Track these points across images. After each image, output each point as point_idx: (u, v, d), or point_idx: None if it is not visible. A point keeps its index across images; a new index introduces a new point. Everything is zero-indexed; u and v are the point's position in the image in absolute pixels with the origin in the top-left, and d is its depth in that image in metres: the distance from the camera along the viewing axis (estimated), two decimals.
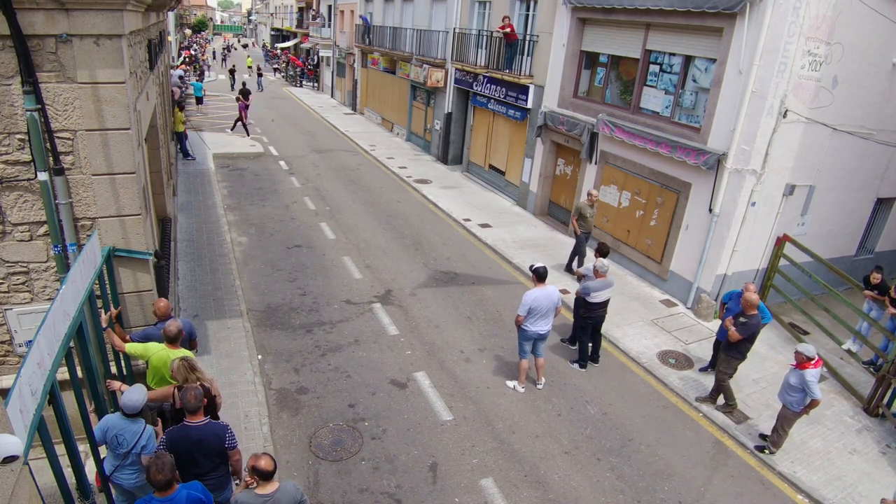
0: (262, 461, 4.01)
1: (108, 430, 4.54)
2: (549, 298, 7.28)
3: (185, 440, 4.39)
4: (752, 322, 7.06)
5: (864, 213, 11.34)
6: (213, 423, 4.55)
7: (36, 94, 4.72)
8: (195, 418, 4.44)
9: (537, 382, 7.92)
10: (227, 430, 4.56)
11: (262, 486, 4.04)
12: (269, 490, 4.05)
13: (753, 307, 7.10)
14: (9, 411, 2.97)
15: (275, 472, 4.07)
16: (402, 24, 22.75)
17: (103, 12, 4.83)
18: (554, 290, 7.37)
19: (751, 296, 7.12)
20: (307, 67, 41.14)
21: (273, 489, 4.06)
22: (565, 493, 6.20)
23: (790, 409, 6.66)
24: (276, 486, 4.09)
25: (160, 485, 3.78)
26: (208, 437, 4.45)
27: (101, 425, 4.56)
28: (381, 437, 6.77)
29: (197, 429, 4.43)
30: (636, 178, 11.54)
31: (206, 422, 4.51)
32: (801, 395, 6.49)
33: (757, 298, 7.16)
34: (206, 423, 4.50)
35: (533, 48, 14.34)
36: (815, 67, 8.96)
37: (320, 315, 9.33)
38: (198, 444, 4.41)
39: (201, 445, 4.43)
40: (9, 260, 5.30)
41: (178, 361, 4.92)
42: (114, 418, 4.55)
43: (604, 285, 7.94)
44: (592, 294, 7.92)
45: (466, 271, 11.42)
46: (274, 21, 64.17)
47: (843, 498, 6.43)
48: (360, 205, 14.91)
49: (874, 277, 9.06)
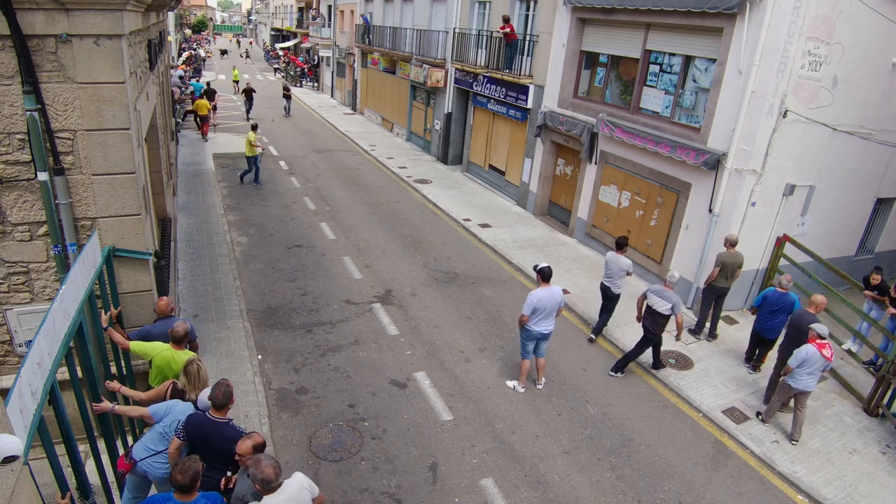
0: (267, 470, 3.81)
1: (170, 414, 4.60)
2: (553, 298, 7.29)
3: (198, 431, 4.42)
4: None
5: (864, 213, 11.34)
6: (229, 426, 4.49)
7: (36, 94, 4.73)
8: (218, 414, 4.46)
9: (537, 383, 7.92)
10: (242, 435, 4.47)
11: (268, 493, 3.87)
12: (279, 496, 3.90)
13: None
14: (9, 411, 2.97)
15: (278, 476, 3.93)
16: (402, 24, 22.75)
17: (103, 12, 4.83)
18: (558, 291, 7.38)
19: (818, 297, 7.48)
20: (308, 67, 41.15)
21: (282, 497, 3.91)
22: (565, 494, 6.20)
23: (787, 382, 7.05)
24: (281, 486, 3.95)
25: (180, 487, 3.76)
26: (222, 436, 4.41)
27: (166, 406, 4.65)
28: (381, 437, 6.77)
29: (213, 424, 4.43)
30: (636, 179, 11.54)
31: (227, 422, 4.49)
32: (800, 371, 6.89)
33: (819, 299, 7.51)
34: (226, 423, 4.47)
35: (533, 48, 14.34)
36: (815, 67, 8.96)
37: (320, 315, 9.33)
38: (209, 439, 4.41)
39: (212, 441, 4.42)
40: (9, 260, 5.30)
41: (196, 365, 4.92)
42: (183, 405, 4.62)
43: (659, 293, 7.77)
44: (649, 296, 7.90)
45: (466, 271, 11.42)
46: (274, 21, 64.21)
47: (843, 498, 6.42)
48: (360, 205, 14.91)
49: (874, 278, 9.06)
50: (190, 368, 4.90)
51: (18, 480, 2.79)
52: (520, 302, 10.29)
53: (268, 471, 3.82)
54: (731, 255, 8.91)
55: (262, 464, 3.85)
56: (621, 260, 8.67)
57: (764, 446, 7.11)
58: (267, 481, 3.81)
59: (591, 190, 12.80)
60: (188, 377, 4.90)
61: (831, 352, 6.87)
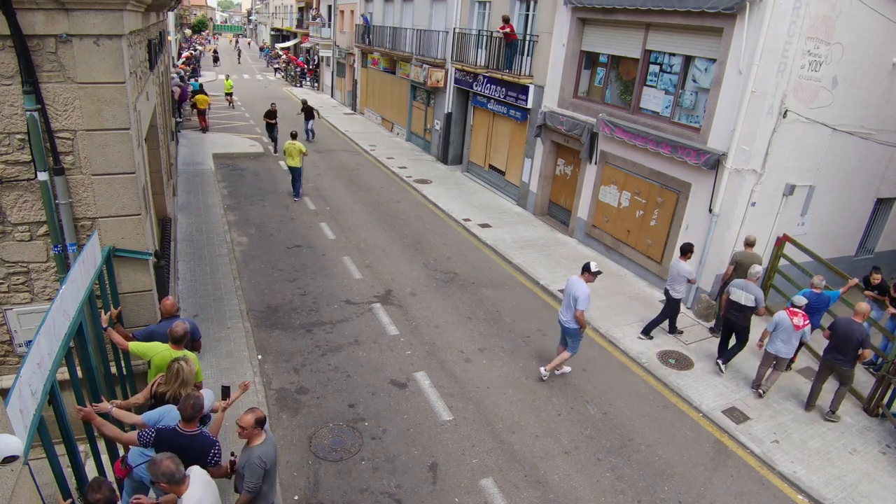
0: (257, 411, 4.42)
1: (163, 421, 4.57)
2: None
3: (172, 445, 4.31)
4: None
5: (864, 213, 11.34)
6: (202, 437, 4.43)
7: (36, 94, 4.73)
8: (188, 427, 4.37)
9: (545, 371, 8.00)
10: (215, 447, 4.46)
11: (254, 437, 4.44)
12: (261, 439, 4.46)
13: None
14: (9, 411, 2.97)
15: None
16: (402, 24, 22.75)
17: (103, 12, 4.83)
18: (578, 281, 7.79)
19: (862, 305, 7.52)
20: (308, 67, 41.15)
21: (263, 438, 4.45)
22: (565, 494, 6.20)
23: (766, 348, 7.85)
24: (265, 435, 4.46)
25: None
26: (195, 448, 4.36)
27: (159, 413, 4.64)
28: (381, 437, 6.77)
29: (186, 437, 4.35)
30: (636, 179, 11.54)
31: (198, 433, 4.41)
32: (774, 335, 7.60)
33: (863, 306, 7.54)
34: (197, 435, 4.40)
35: (533, 48, 14.34)
36: (815, 67, 8.96)
37: (320, 315, 9.33)
38: (182, 451, 4.30)
39: (184, 454, 4.30)
40: (9, 260, 5.30)
41: (178, 364, 4.88)
42: (176, 413, 4.58)
43: (743, 287, 8.19)
44: (733, 291, 8.29)
45: (466, 271, 11.42)
46: (274, 21, 64.21)
47: (843, 498, 6.43)
48: (360, 205, 14.91)
49: (874, 278, 9.06)
50: (172, 365, 4.88)
51: (18, 480, 2.79)
52: (520, 302, 10.31)
53: (166, 463, 3.74)
54: (748, 255, 8.98)
55: (157, 461, 3.77)
56: (680, 266, 8.81)
57: (764, 446, 7.11)
58: (169, 475, 3.74)
59: (591, 190, 12.80)
60: (168, 374, 4.89)
61: (804, 322, 7.49)
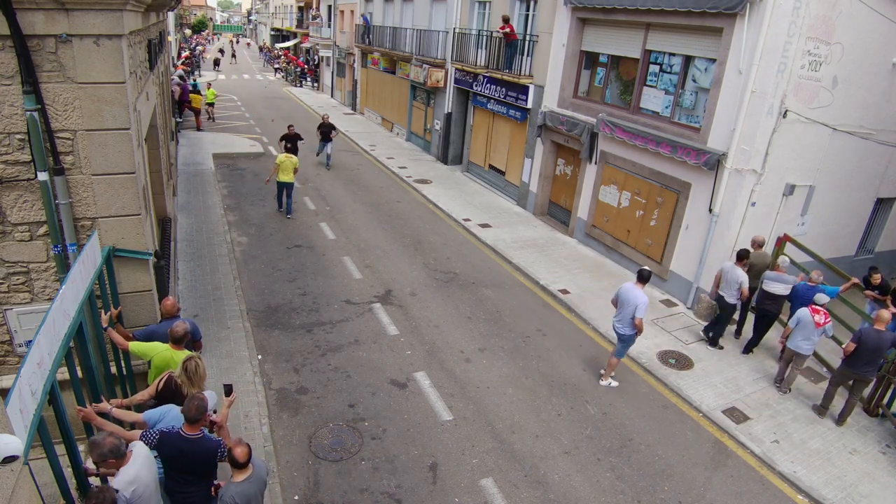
0: (237, 450, 4.18)
1: (163, 420, 4.56)
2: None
3: (174, 448, 4.33)
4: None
5: (864, 213, 11.34)
6: (206, 439, 4.42)
7: (36, 94, 4.73)
8: (191, 429, 4.35)
9: (609, 380, 8.20)
10: (220, 447, 4.45)
11: (237, 473, 4.22)
12: (244, 476, 4.25)
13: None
14: (9, 411, 2.97)
15: (249, 460, 4.25)
16: (402, 24, 22.75)
17: (103, 12, 4.83)
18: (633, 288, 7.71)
19: (884, 314, 7.41)
20: (308, 67, 41.14)
21: (247, 475, 4.24)
22: (565, 494, 6.20)
23: (787, 345, 8.05)
24: (250, 471, 4.26)
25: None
26: (198, 452, 4.35)
27: (160, 412, 4.63)
28: (381, 437, 6.77)
29: (188, 441, 4.33)
30: (636, 178, 11.54)
31: (201, 436, 4.40)
32: (796, 332, 7.79)
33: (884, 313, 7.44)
34: (200, 438, 4.38)
35: (533, 48, 14.34)
36: (815, 67, 8.96)
37: (320, 315, 9.33)
38: (185, 455, 4.33)
39: (188, 458, 4.35)
40: (9, 260, 5.30)
41: (194, 362, 4.90)
42: (177, 412, 4.58)
43: (777, 279, 8.60)
44: (767, 283, 8.67)
45: (466, 271, 11.42)
46: (274, 21, 64.21)
47: (843, 498, 6.43)
48: (360, 205, 14.91)
49: (874, 278, 9.06)
50: (189, 365, 4.88)
51: (18, 480, 2.79)
52: (520, 302, 10.31)
53: (109, 440, 3.90)
54: (759, 255, 9.03)
55: (99, 442, 3.90)
56: (736, 272, 8.66)
57: (764, 446, 7.11)
58: (115, 449, 3.89)
59: (591, 190, 12.80)
60: (187, 374, 4.88)
61: (825, 319, 7.63)
